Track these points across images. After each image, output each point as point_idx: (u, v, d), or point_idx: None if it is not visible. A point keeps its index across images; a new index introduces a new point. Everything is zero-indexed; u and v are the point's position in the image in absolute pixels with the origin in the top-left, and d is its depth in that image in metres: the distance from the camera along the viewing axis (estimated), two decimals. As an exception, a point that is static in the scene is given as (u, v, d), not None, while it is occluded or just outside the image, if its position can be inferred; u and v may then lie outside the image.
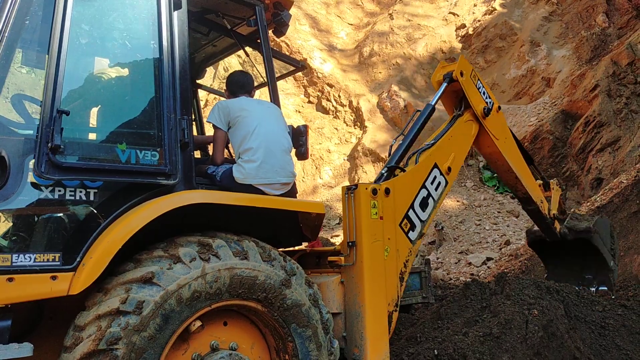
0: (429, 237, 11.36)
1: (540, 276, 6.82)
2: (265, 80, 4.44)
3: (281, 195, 4.06)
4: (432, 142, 4.94)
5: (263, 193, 3.95)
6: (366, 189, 4.17)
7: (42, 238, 3.09)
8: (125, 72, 3.72)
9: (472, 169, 13.77)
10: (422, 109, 5.12)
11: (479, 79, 5.42)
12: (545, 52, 15.05)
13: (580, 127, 12.31)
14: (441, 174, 4.84)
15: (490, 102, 5.44)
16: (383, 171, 4.62)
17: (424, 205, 4.63)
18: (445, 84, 5.19)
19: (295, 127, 4.57)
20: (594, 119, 11.98)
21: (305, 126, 4.55)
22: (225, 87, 4.47)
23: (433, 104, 5.13)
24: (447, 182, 4.88)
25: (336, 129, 16.97)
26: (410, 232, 4.47)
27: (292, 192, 4.22)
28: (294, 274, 3.69)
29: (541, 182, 6.28)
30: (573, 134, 12.50)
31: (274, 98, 4.32)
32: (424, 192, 4.66)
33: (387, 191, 4.31)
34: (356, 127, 16.82)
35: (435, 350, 4.23)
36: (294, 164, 4.20)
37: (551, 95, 14.00)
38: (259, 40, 4.43)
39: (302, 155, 4.48)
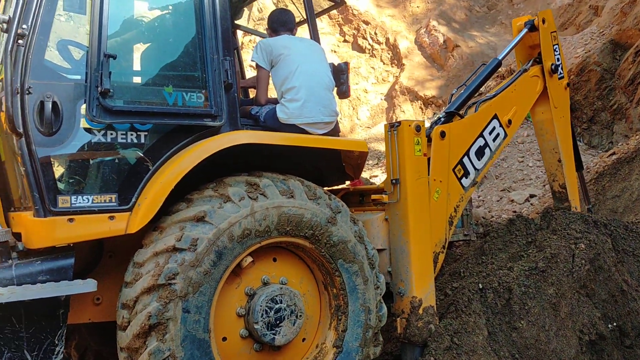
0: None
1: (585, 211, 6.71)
2: (303, 18, 4.37)
3: (324, 134, 4.07)
4: (494, 93, 4.94)
5: (306, 132, 3.97)
6: (409, 125, 4.13)
7: (98, 180, 3.22)
8: (166, 14, 3.71)
9: (514, 105, 13.39)
10: (488, 62, 5.14)
11: (558, 44, 5.44)
12: (593, -22, 14.21)
13: (629, 57, 11.72)
14: (500, 125, 4.83)
15: (560, 67, 5.42)
16: (441, 115, 4.63)
17: (480, 154, 4.65)
18: (525, 30, 5.26)
19: (335, 64, 4.51)
20: (645, 48, 11.38)
21: (346, 63, 4.49)
22: (266, 26, 4.41)
23: (501, 58, 5.17)
24: (506, 135, 4.88)
25: (373, 68, 16.66)
26: (464, 178, 4.52)
27: (334, 131, 4.22)
28: (339, 211, 3.75)
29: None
30: (622, 64, 11.92)
31: (314, 35, 4.26)
32: (480, 141, 4.67)
33: (442, 134, 4.35)
34: (393, 65, 16.48)
35: (480, 284, 4.28)
36: (336, 103, 4.18)
37: (599, 24, 13.31)
38: (297, -24, 4.33)
39: (344, 93, 4.45)
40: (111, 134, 3.24)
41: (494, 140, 4.78)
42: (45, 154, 3.06)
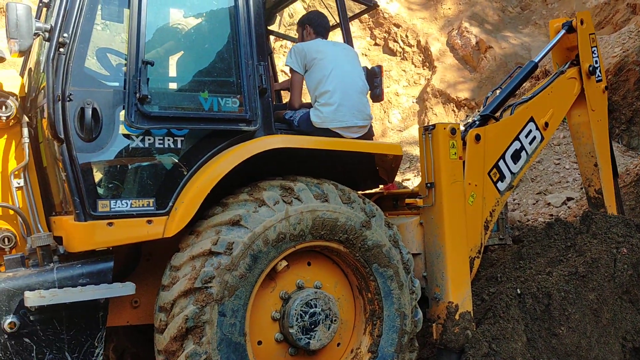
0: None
1: (627, 214, 6.52)
2: (335, 22, 4.37)
3: (358, 138, 4.06)
4: (531, 95, 4.86)
5: (340, 136, 3.96)
6: (444, 128, 4.09)
7: (136, 185, 3.27)
8: (201, 21, 3.76)
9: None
10: (524, 64, 5.08)
11: (596, 46, 5.34)
12: (631, -25, 13.84)
13: (670, 56, 11.37)
14: (537, 128, 4.76)
15: (598, 69, 5.29)
16: (476, 118, 4.57)
17: (515, 157, 4.59)
18: (563, 32, 5.18)
19: (369, 68, 4.50)
20: (686, 46, 11.02)
21: (380, 67, 4.49)
22: (305, 25, 4.38)
23: (537, 60, 5.09)
24: (542, 138, 4.80)
25: (404, 71, 16.56)
26: (499, 182, 4.46)
27: (368, 135, 4.21)
28: (374, 215, 3.73)
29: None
30: (662, 63, 11.58)
31: (348, 39, 4.26)
32: (517, 144, 4.61)
33: (477, 137, 4.29)
34: (425, 67, 16.35)
35: (518, 290, 4.19)
36: (370, 106, 4.17)
37: (637, 22, 12.95)
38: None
39: (377, 96, 4.44)
40: (149, 139, 3.29)
41: (530, 143, 4.71)
42: (85, 160, 3.13)
